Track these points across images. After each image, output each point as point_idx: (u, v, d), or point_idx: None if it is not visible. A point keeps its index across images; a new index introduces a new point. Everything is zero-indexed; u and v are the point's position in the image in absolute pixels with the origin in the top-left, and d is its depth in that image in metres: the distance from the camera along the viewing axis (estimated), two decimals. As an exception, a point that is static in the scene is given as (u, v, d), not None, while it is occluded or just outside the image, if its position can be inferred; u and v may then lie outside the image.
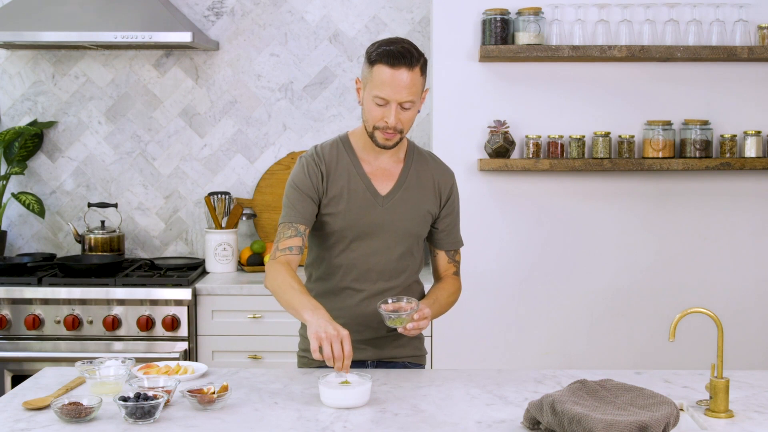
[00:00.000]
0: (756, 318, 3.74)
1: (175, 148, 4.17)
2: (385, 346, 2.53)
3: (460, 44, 3.68)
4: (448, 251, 2.62)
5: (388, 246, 2.48)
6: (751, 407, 2.11)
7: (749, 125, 3.68)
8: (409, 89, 2.33)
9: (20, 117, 4.17)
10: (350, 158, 2.49)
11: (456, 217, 2.61)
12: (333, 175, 2.47)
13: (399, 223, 2.48)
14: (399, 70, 2.31)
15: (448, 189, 2.56)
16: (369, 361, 2.53)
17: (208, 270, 3.97)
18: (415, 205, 2.50)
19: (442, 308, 2.54)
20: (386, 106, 2.34)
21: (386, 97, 2.32)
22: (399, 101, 2.33)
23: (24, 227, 4.21)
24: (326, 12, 4.11)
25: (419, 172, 2.53)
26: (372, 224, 2.47)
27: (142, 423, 1.98)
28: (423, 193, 2.52)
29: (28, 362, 3.53)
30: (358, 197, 2.46)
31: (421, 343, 2.64)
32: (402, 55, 2.32)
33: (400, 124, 2.36)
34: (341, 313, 2.48)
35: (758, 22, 3.63)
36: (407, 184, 2.50)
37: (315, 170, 2.46)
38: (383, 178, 2.50)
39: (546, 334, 3.75)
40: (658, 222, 3.73)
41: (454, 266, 2.63)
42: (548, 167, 3.59)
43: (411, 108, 2.36)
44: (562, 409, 1.86)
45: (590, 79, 3.69)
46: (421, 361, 2.63)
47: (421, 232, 2.54)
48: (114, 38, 3.67)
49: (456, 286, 2.61)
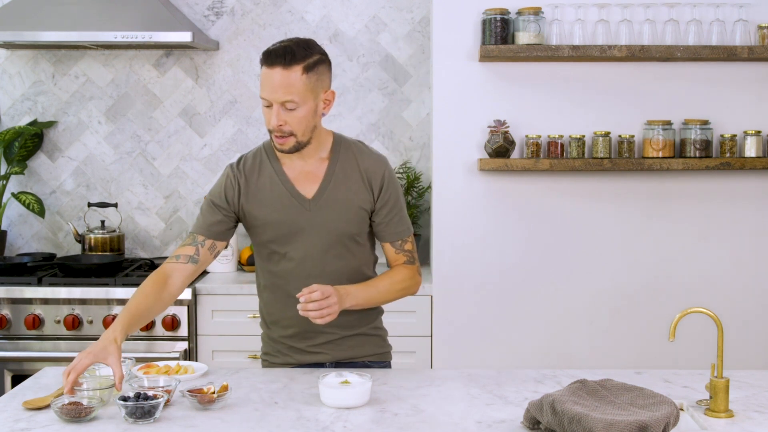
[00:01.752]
0: (756, 318, 3.74)
1: (175, 148, 4.18)
2: (341, 348, 2.50)
3: (460, 44, 3.68)
4: (393, 242, 2.50)
5: (322, 250, 2.42)
6: (751, 407, 2.11)
7: (749, 125, 3.68)
8: (285, 88, 2.27)
9: (20, 117, 4.17)
10: (272, 165, 2.44)
11: (396, 206, 2.48)
12: (254, 186, 2.43)
13: (330, 224, 2.42)
14: (274, 69, 2.27)
15: (379, 178, 2.45)
16: (327, 363, 2.50)
17: (208, 270, 3.97)
18: (344, 204, 2.43)
19: (382, 294, 2.45)
20: (271, 108, 2.31)
21: (266, 96, 2.30)
22: (277, 101, 2.28)
23: (24, 227, 4.21)
24: (326, 12, 4.11)
25: (346, 168, 2.44)
26: (301, 230, 2.41)
27: (142, 423, 1.98)
28: (352, 189, 2.44)
29: (28, 362, 3.54)
30: (283, 204, 2.41)
31: (382, 341, 2.58)
32: (277, 54, 2.27)
33: (287, 125, 2.30)
34: (290, 322, 2.46)
35: (758, 22, 3.63)
36: (333, 183, 2.43)
37: (231, 184, 2.44)
38: (308, 180, 2.43)
39: (546, 334, 3.75)
40: (658, 222, 3.73)
41: (404, 256, 2.51)
42: (548, 167, 3.59)
43: (296, 109, 2.29)
44: (562, 408, 1.86)
45: (590, 79, 3.69)
46: (384, 358, 2.58)
47: (356, 230, 2.45)
48: (114, 38, 3.67)
49: (405, 274, 2.49)
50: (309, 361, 2.50)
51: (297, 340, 2.49)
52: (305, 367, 2.49)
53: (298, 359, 2.51)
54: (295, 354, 2.51)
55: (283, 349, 2.52)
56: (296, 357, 2.51)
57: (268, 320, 2.55)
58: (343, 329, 2.48)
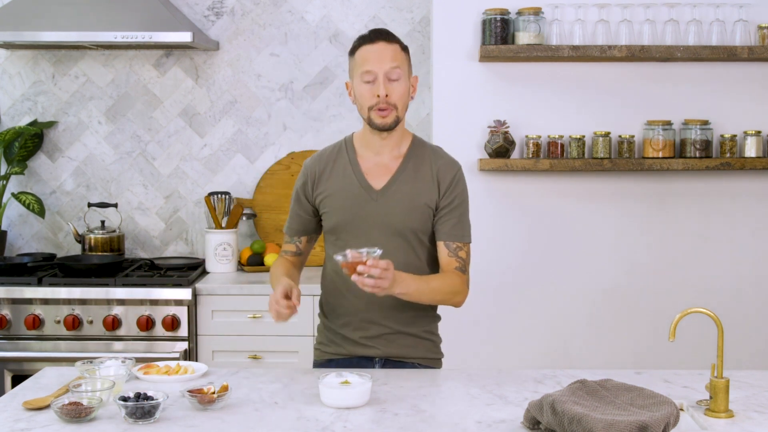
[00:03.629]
0: (756, 318, 3.74)
1: (175, 148, 4.18)
2: (393, 344, 2.51)
3: (460, 44, 3.68)
4: (447, 243, 2.49)
5: (385, 241, 2.43)
6: (751, 407, 2.11)
7: (749, 125, 3.68)
8: (393, 58, 2.41)
9: (20, 117, 4.17)
10: (349, 157, 2.53)
11: (459, 209, 2.50)
12: (327, 175, 2.53)
13: (394, 217, 2.46)
14: (377, 44, 2.43)
15: (449, 178, 2.50)
16: (377, 358, 2.52)
17: (208, 270, 3.97)
18: (411, 199, 2.47)
19: (429, 292, 2.43)
20: (374, 82, 2.41)
21: (372, 68, 2.41)
22: (384, 71, 2.40)
23: (24, 227, 4.21)
24: (326, 12, 4.11)
25: (418, 166, 2.51)
26: (366, 219, 2.47)
27: (142, 423, 1.98)
28: (420, 185, 2.48)
29: (28, 362, 3.53)
30: (351, 193, 2.48)
31: (434, 346, 2.58)
32: (378, 32, 2.46)
33: (392, 96, 2.41)
34: (346, 311, 2.52)
35: (758, 22, 3.63)
36: (403, 177, 2.49)
37: (305, 173, 2.58)
38: (379, 173, 2.50)
39: (546, 334, 3.75)
40: (658, 222, 3.73)
41: (456, 261, 2.48)
42: (548, 167, 3.59)
43: (399, 80, 2.42)
44: (562, 409, 1.86)
45: (590, 79, 3.69)
46: (435, 364, 2.57)
47: (419, 227, 2.48)
48: (114, 38, 3.67)
49: (457, 282, 2.47)
50: (360, 353, 2.52)
51: (351, 330, 2.52)
52: (356, 359, 2.52)
53: (350, 350, 2.53)
54: (347, 345, 2.53)
55: (337, 339, 2.55)
56: (348, 348, 2.53)
57: (326, 309, 2.60)
58: (397, 324, 2.49)
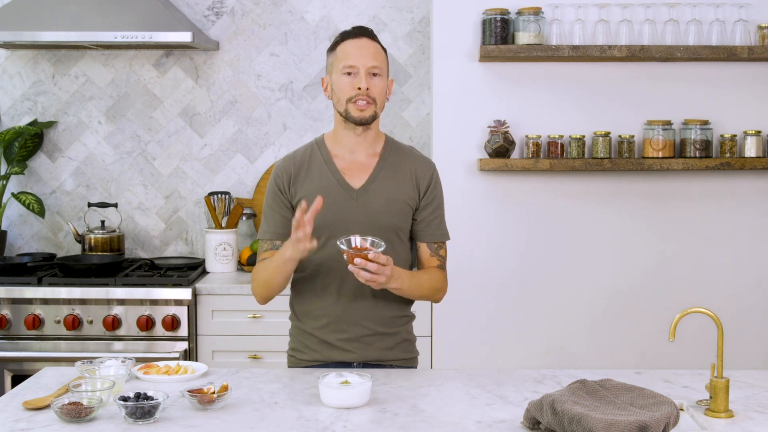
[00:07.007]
0: (756, 318, 3.74)
1: (175, 148, 4.18)
2: (371, 347, 2.49)
3: (460, 44, 3.68)
4: (430, 243, 2.52)
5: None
6: (751, 407, 2.11)
7: (749, 125, 3.68)
8: (375, 56, 2.43)
9: (20, 117, 4.17)
10: (323, 156, 2.50)
11: (438, 209, 2.53)
12: (304, 176, 2.49)
13: (375, 215, 2.45)
14: (361, 39, 2.45)
15: (427, 179, 2.51)
16: (355, 363, 2.49)
17: (208, 270, 3.97)
18: (391, 197, 2.47)
19: (419, 287, 2.46)
20: (355, 75, 2.41)
21: (354, 63, 2.41)
22: (366, 66, 2.41)
23: (24, 227, 4.21)
24: (326, 12, 4.11)
25: (395, 164, 2.50)
26: (347, 219, 2.44)
27: (142, 423, 1.98)
28: (400, 184, 2.48)
29: (28, 362, 3.53)
30: (330, 193, 2.44)
31: (411, 346, 2.59)
32: (362, 29, 2.48)
33: (373, 90, 2.41)
34: (324, 312, 2.48)
35: (758, 22, 3.63)
36: (383, 176, 2.48)
37: (278, 174, 2.52)
38: (357, 172, 2.48)
39: (546, 334, 3.75)
40: (658, 222, 3.73)
41: (437, 260, 2.54)
42: (548, 167, 3.59)
43: (379, 75, 2.43)
44: (562, 408, 1.86)
45: (590, 79, 3.69)
46: (411, 363, 2.59)
47: (399, 225, 2.48)
48: (114, 38, 3.67)
49: (440, 278, 2.52)
50: (337, 359, 2.49)
51: (328, 333, 2.48)
52: (331, 366, 2.47)
53: (326, 356, 2.49)
54: (323, 350, 2.49)
55: (313, 344, 2.51)
56: (324, 353, 2.49)
57: (299, 312, 2.55)
58: (376, 325, 2.48)
